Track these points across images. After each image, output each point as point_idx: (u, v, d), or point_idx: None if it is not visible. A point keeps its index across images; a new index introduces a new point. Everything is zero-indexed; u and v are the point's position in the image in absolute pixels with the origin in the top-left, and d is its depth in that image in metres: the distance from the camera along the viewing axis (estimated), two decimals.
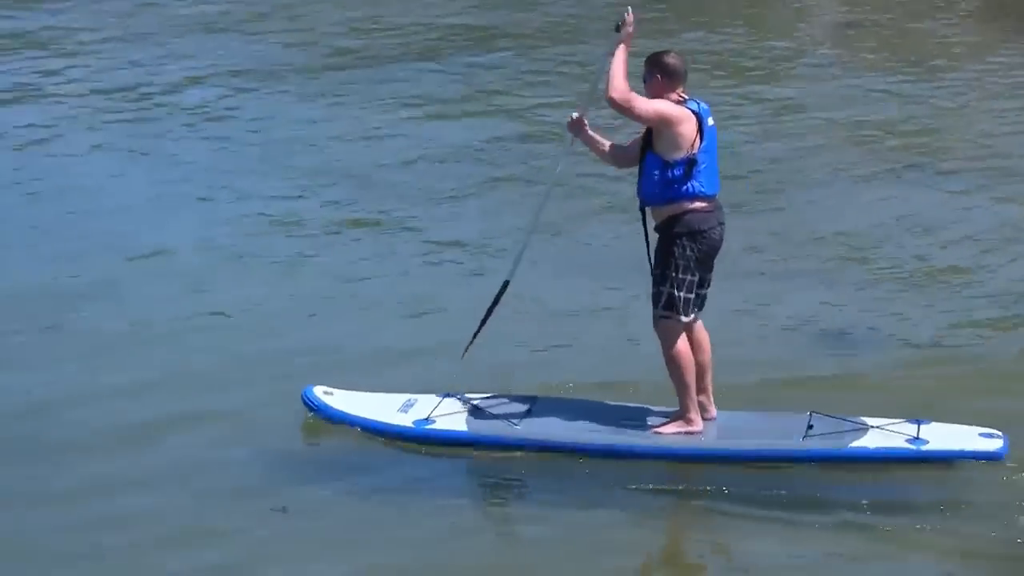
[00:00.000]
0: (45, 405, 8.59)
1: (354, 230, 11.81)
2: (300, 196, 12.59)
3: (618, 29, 7.78)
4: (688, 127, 7.72)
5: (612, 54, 7.75)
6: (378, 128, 14.58)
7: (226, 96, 15.82)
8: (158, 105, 15.41)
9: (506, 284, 8.34)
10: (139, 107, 15.35)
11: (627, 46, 7.77)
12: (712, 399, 8.18)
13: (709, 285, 8.09)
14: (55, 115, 14.95)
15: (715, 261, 8.04)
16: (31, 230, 11.69)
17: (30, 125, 14.57)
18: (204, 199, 12.55)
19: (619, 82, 7.66)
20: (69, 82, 16.30)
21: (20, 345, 9.49)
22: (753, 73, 17.06)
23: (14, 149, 13.89)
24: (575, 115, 8.11)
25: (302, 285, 10.60)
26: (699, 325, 8.13)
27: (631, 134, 8.20)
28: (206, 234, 11.68)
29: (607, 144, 8.13)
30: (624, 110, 7.70)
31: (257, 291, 10.46)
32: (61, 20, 19.50)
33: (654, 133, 7.79)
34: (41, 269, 10.78)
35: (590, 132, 8.09)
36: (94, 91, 15.95)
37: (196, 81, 16.42)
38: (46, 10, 19.96)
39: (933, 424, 8.02)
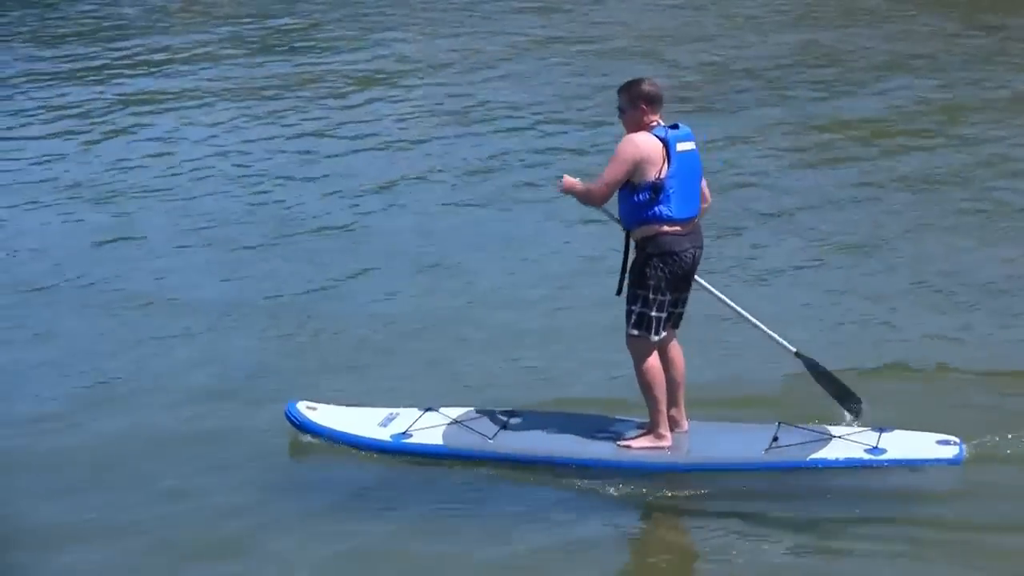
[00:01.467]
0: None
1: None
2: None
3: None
4: (649, 156, 7.94)
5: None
6: None
7: None
8: None
9: None
10: None
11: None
12: (684, 413, 8.45)
13: (684, 304, 8.35)
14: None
15: (692, 281, 8.28)
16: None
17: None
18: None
19: (585, 196, 8.12)
20: None
21: None
22: None
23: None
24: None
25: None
26: (674, 342, 8.39)
27: None
28: None
29: None
30: (602, 197, 8.06)
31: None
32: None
33: None
34: None
35: None
36: None
37: None
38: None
39: (895, 432, 8.29)
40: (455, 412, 8.61)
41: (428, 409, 8.64)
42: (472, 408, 8.66)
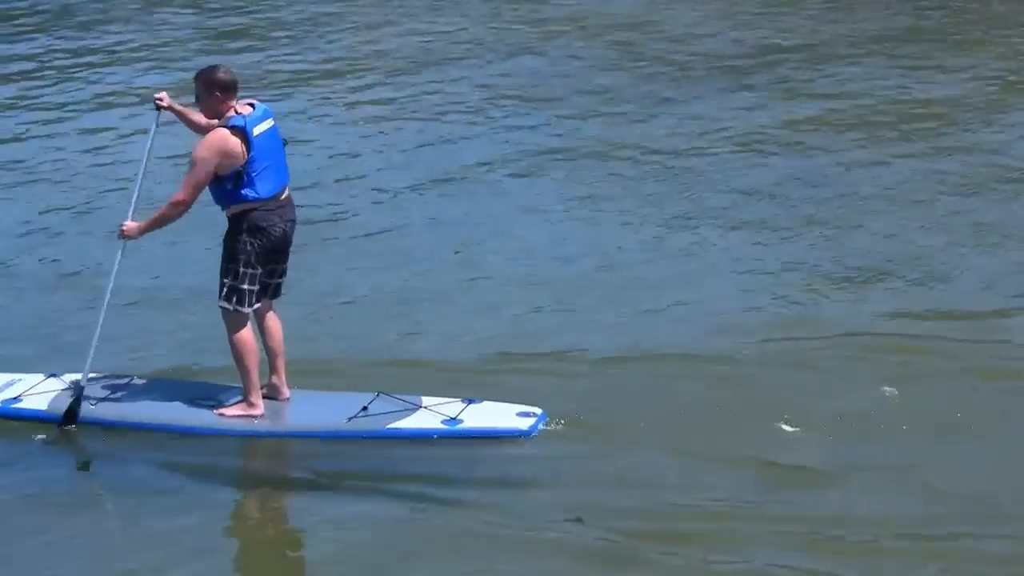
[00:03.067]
0: None
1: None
2: None
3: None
4: (227, 154, 8.12)
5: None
6: None
7: None
8: None
9: (81, 390, 8.56)
10: None
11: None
12: (284, 380, 8.69)
13: (283, 275, 8.59)
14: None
15: (289, 252, 8.55)
16: None
17: None
18: None
19: (165, 218, 8.27)
20: None
21: None
22: None
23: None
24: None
25: None
26: (271, 312, 8.63)
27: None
28: None
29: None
30: (188, 205, 8.19)
31: None
32: None
33: None
34: None
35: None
36: None
37: None
38: None
39: (484, 403, 8.52)
40: (74, 378, 8.82)
41: (51, 375, 8.88)
42: (96, 374, 8.85)
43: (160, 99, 8.60)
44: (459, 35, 19.65)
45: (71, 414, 8.46)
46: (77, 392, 8.50)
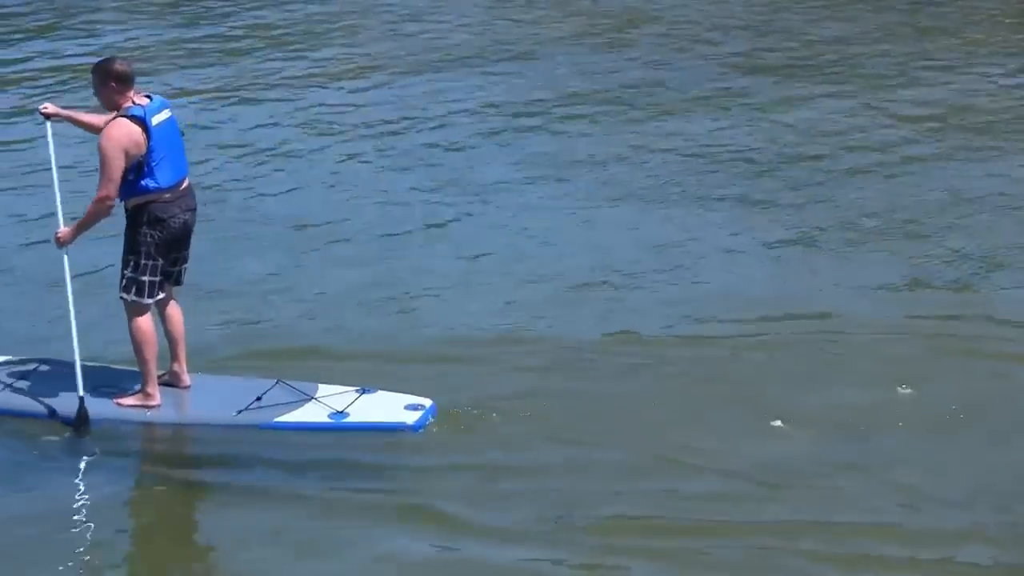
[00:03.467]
0: None
1: None
2: None
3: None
4: (131, 143, 8.16)
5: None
6: None
7: None
8: None
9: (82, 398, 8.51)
10: None
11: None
12: (185, 368, 8.75)
13: (185, 262, 8.68)
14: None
15: (190, 240, 8.61)
16: None
17: None
18: None
19: (93, 216, 8.29)
20: None
21: None
22: None
23: None
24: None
25: None
26: (172, 300, 8.71)
27: None
28: None
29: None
30: (113, 198, 8.21)
31: None
32: None
33: None
34: None
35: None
36: None
37: None
38: None
39: (377, 393, 8.50)
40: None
41: None
42: (9, 357, 8.99)
43: (44, 109, 8.74)
44: (460, 33, 19.40)
45: (81, 418, 8.44)
46: (79, 396, 8.46)
